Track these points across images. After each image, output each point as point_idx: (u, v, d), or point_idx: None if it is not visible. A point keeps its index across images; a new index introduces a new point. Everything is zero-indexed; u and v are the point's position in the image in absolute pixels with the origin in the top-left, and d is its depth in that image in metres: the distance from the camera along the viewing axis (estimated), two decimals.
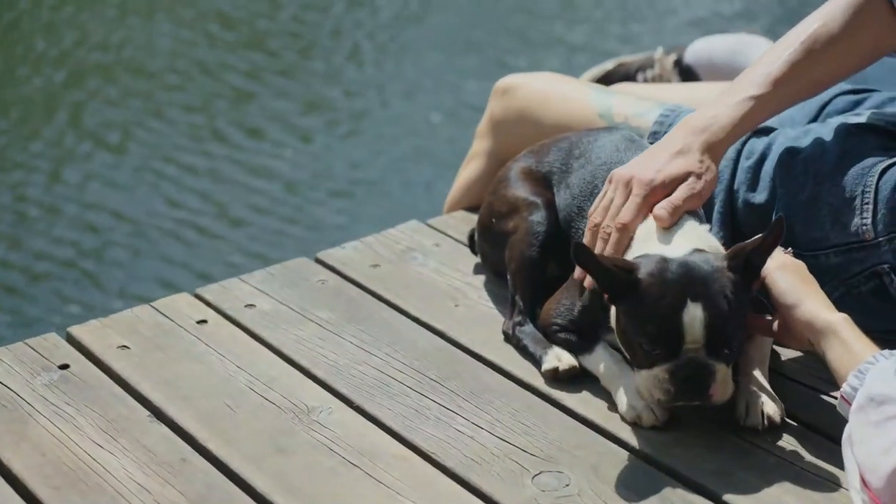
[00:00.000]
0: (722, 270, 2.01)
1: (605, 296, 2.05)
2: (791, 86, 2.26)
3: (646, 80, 3.51)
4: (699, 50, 3.52)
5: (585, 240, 2.19)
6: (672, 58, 3.53)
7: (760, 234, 2.03)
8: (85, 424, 2.09)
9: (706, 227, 2.15)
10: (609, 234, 2.14)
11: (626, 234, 2.13)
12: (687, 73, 3.51)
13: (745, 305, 2.03)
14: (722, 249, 2.10)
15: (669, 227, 2.11)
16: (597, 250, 2.13)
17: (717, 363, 1.99)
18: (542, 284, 2.33)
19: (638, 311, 2.00)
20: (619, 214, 2.13)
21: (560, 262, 2.33)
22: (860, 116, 2.44)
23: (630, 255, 2.09)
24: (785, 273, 2.08)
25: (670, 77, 3.52)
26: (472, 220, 2.76)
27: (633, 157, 2.30)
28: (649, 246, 2.08)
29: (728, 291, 1.99)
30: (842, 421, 1.89)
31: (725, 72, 3.48)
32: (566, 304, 2.22)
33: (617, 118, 2.58)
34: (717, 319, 1.97)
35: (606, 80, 3.40)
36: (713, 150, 2.19)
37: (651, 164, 2.16)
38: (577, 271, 2.17)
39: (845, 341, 1.96)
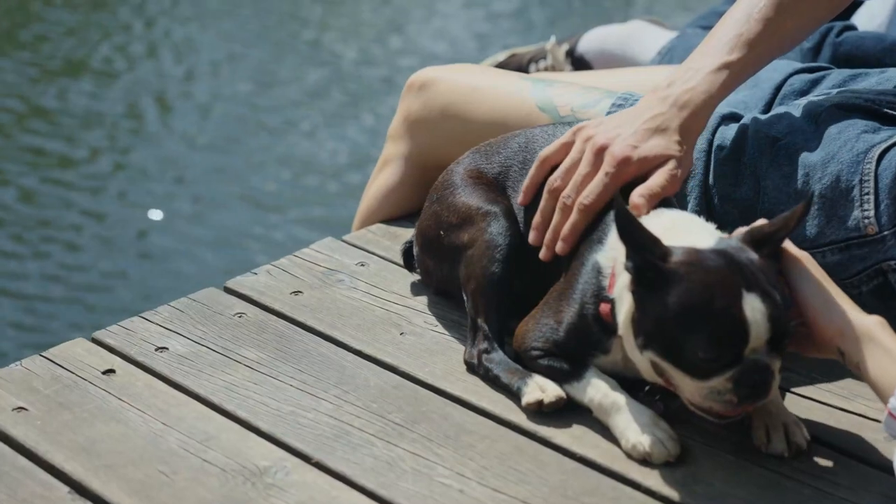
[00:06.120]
0: (755, 257, 1.75)
1: (632, 284, 1.76)
2: (764, 45, 2.07)
3: (538, 71, 3.33)
4: (592, 39, 3.38)
5: (541, 206, 2.01)
6: (564, 48, 3.37)
7: (781, 216, 1.79)
8: None
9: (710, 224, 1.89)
10: (569, 207, 1.96)
11: (586, 215, 1.94)
12: (579, 63, 3.39)
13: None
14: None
15: (646, 214, 1.89)
16: (552, 224, 1.97)
17: (776, 360, 1.73)
18: (508, 304, 2.02)
19: (679, 310, 1.70)
20: (584, 191, 1.95)
21: (524, 277, 2.03)
22: (830, 96, 2.20)
23: None
24: (804, 270, 1.81)
25: (562, 67, 3.36)
26: (396, 233, 2.45)
27: None
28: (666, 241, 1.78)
29: (772, 277, 1.74)
30: (874, 440, 1.66)
31: (618, 60, 3.35)
32: (548, 324, 1.92)
33: (562, 110, 2.29)
34: (778, 310, 1.71)
35: None
36: (691, 130, 2.01)
37: (627, 138, 1.96)
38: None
39: (888, 348, 1.70)
